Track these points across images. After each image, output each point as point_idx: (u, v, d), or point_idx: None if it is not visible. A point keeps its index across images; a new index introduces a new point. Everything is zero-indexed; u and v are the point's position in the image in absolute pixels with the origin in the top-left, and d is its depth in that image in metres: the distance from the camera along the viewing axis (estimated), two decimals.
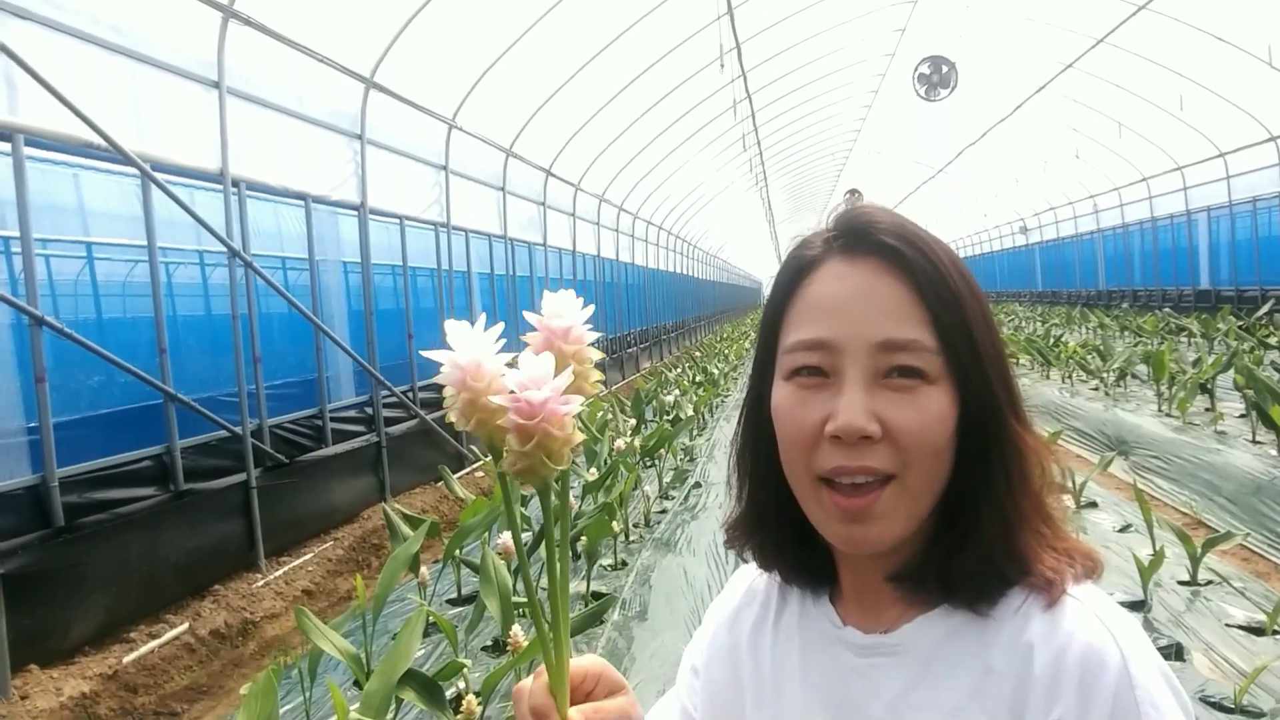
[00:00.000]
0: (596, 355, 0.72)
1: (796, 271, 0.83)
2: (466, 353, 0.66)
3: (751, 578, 0.98)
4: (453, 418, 0.68)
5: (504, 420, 0.65)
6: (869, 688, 0.80)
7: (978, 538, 0.77)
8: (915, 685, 0.77)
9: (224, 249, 5.97)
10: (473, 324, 0.67)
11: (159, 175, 5.29)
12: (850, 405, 0.74)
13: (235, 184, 6.11)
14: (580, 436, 0.67)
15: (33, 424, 4.55)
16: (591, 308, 0.72)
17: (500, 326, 0.67)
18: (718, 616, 0.99)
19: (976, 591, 0.76)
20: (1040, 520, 0.79)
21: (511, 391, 0.64)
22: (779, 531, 0.88)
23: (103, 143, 4.81)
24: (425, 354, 0.68)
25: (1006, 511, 0.77)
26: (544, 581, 0.72)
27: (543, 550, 0.75)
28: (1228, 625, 3.80)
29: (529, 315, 0.71)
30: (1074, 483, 5.77)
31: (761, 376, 0.86)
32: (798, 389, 0.79)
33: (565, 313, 0.70)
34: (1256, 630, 3.73)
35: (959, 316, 0.77)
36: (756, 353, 0.88)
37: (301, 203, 7.11)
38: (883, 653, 0.80)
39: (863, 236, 0.80)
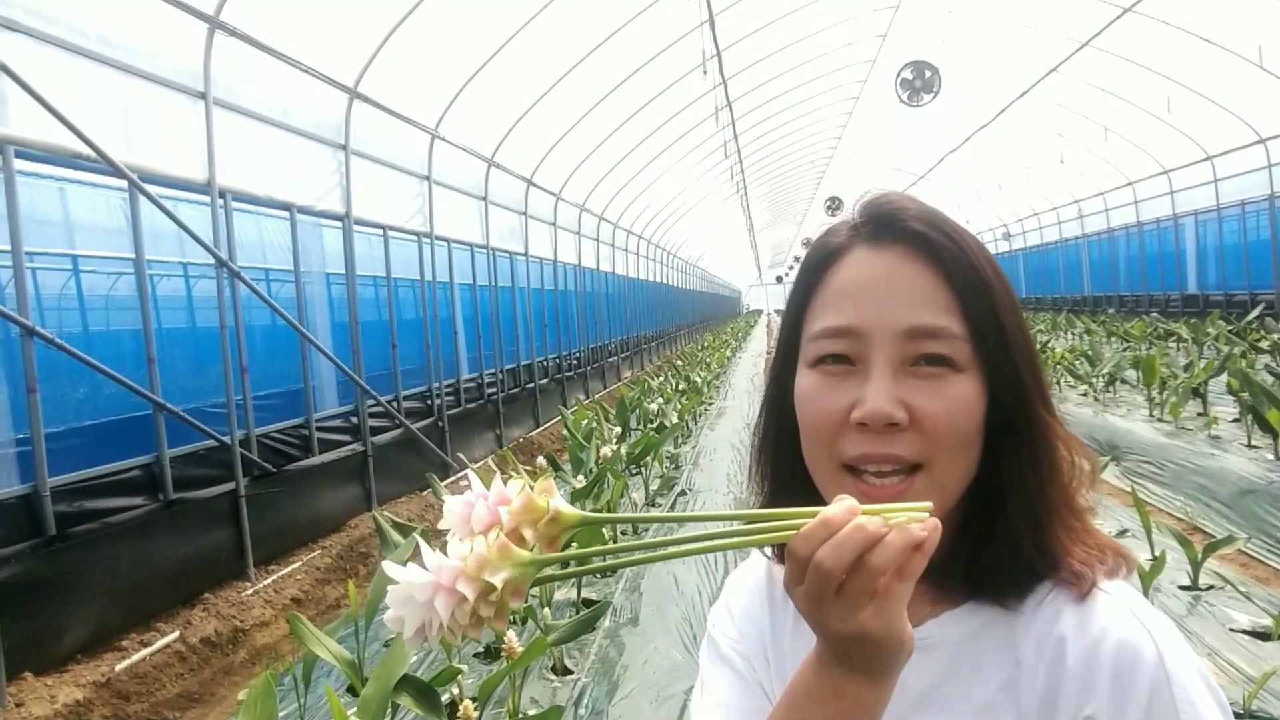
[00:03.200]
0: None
1: (822, 259, 0.81)
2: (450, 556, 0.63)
3: (770, 563, 0.95)
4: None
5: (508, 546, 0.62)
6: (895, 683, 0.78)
7: (1005, 531, 0.76)
8: (943, 681, 0.76)
9: (209, 260, 5.98)
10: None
11: (147, 186, 5.31)
12: (877, 392, 0.73)
13: (222, 194, 6.12)
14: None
15: (23, 434, 4.56)
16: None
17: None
18: (744, 588, 0.97)
19: (1004, 585, 0.75)
20: (1069, 513, 0.77)
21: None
22: None
23: (92, 154, 4.83)
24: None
25: (1035, 504, 0.75)
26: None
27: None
28: (1231, 630, 3.77)
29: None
30: None
31: (784, 366, 0.84)
32: (823, 376, 0.77)
33: None
34: (1262, 635, 3.70)
35: (988, 304, 0.76)
36: (779, 342, 0.86)
37: (286, 214, 7.12)
38: None
39: (890, 223, 0.79)
